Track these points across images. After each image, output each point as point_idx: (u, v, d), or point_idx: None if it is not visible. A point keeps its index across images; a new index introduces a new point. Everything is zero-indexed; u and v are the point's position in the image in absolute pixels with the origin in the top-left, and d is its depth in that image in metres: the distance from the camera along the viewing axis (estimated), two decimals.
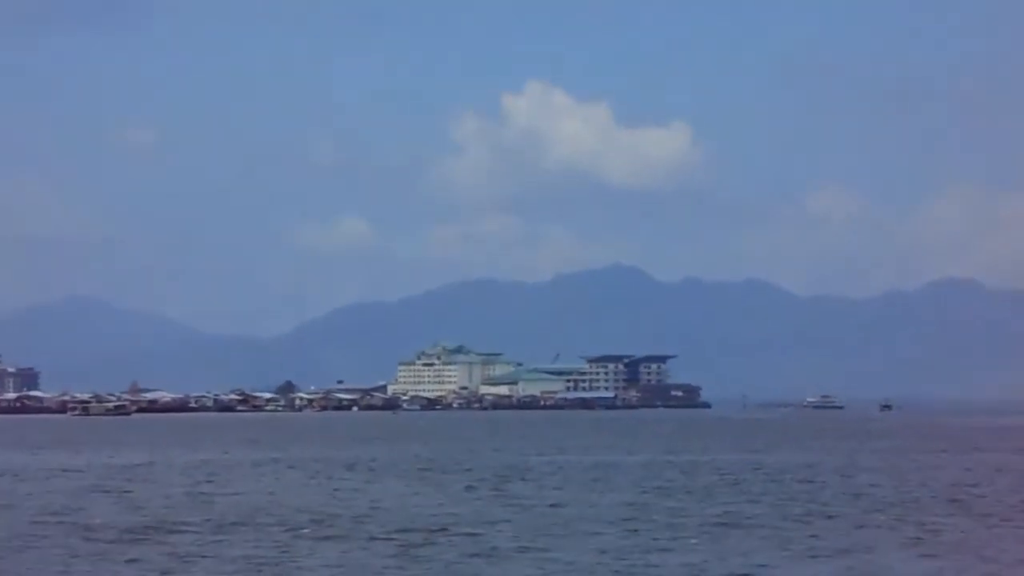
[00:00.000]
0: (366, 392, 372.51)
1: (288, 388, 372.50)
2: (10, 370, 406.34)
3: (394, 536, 47.89)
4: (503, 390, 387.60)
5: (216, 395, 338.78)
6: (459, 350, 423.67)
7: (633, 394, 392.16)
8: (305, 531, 49.64)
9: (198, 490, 70.82)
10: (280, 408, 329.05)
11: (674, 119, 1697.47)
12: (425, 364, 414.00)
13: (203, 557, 42.57)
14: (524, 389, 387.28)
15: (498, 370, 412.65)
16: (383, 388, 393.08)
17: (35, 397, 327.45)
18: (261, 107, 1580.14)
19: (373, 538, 47.39)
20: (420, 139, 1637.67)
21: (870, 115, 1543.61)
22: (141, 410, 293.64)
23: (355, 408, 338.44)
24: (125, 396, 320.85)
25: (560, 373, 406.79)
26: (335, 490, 70.74)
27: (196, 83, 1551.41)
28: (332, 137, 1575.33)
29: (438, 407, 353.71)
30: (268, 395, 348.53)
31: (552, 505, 60.40)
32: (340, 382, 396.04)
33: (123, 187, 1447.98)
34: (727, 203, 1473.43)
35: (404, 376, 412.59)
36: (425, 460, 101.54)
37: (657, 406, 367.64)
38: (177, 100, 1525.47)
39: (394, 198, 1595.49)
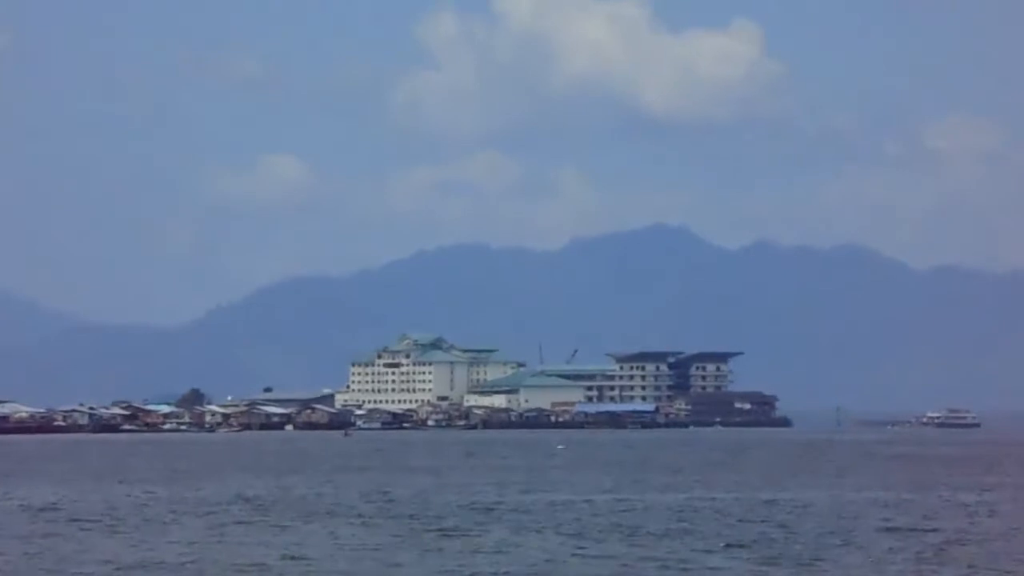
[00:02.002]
0: (305, 404, 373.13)
1: (194, 398, 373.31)
2: None
3: None
4: (498, 401, 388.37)
5: (93, 409, 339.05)
6: (436, 345, 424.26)
7: (681, 406, 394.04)
8: None
9: (33, 552, 70.66)
10: (184, 427, 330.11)
11: (738, 19, 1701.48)
12: (388, 365, 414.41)
13: None
14: (528, 400, 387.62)
15: (491, 373, 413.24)
16: (329, 399, 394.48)
17: None
18: (156, 3, 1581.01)
19: None
20: (379, 48, 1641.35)
21: (1013, 18, 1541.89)
22: None
23: (290, 427, 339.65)
24: None
25: (579, 377, 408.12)
26: (233, 544, 70.94)
27: None
28: (254, 46, 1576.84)
29: (407, 425, 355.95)
30: (167, 408, 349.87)
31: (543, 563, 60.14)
32: (268, 390, 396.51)
33: None
34: (811, 139, 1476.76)
35: (359, 381, 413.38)
36: (372, 500, 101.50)
37: (715, 423, 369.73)
38: None
39: (342, 131, 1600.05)
